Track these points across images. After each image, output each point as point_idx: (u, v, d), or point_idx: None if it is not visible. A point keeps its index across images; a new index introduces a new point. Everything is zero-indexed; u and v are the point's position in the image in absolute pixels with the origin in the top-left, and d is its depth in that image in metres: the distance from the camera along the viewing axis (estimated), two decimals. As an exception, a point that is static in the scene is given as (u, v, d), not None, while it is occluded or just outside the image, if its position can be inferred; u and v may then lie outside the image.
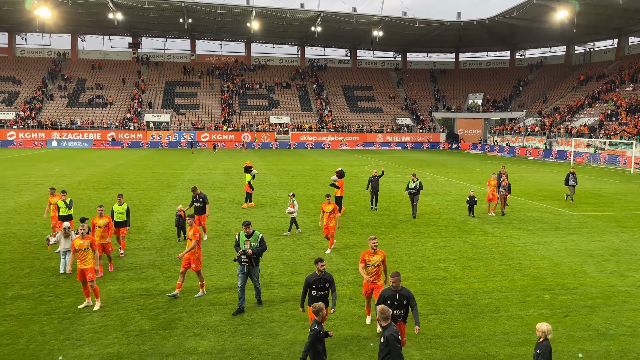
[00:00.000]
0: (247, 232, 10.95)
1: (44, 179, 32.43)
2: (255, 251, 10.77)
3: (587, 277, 13.41)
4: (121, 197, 14.90)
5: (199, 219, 16.49)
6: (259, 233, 11.06)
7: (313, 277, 8.94)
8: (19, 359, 8.59)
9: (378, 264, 9.78)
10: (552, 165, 50.70)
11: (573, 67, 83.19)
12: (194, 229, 11.72)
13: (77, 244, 10.88)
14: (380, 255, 9.82)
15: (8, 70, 79.32)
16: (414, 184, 21.13)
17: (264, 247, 10.96)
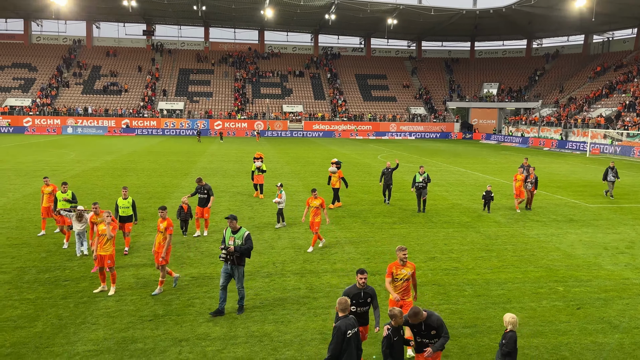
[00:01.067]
0: (232, 227, 10.12)
1: (60, 165, 32.81)
2: (239, 249, 9.89)
3: (602, 270, 13.30)
4: (126, 190, 14.25)
5: (202, 211, 15.91)
6: (245, 230, 10.19)
7: (353, 290, 7.79)
8: (35, 342, 8.76)
9: (407, 277, 8.62)
10: (567, 156, 50.12)
11: (591, 56, 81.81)
12: (167, 222, 11.12)
13: (100, 229, 10.94)
14: (410, 268, 8.66)
15: (24, 57, 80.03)
16: (421, 177, 19.74)
17: (249, 246, 10.01)
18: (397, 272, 8.61)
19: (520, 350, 8.76)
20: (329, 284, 11.83)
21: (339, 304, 6.75)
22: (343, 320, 6.58)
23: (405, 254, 8.62)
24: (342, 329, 6.44)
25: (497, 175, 32.75)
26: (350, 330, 6.53)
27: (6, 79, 75.48)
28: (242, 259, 10.11)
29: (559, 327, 9.72)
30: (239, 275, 10.05)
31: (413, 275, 8.70)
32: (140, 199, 22.00)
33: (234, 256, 9.93)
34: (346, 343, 6.46)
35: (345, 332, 6.46)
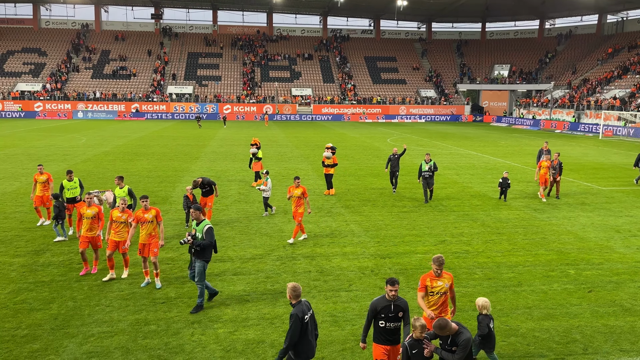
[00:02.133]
0: (195, 218, 9.61)
1: (71, 150, 33.04)
2: (197, 243, 9.29)
3: (614, 253, 13.22)
4: (121, 180, 13.34)
5: (205, 200, 15.30)
6: (207, 223, 9.55)
7: (381, 302, 6.74)
8: (51, 324, 8.91)
9: (445, 290, 7.43)
10: (579, 138, 49.58)
11: (605, 37, 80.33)
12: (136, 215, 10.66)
13: (115, 216, 10.83)
14: (447, 279, 7.50)
15: (33, 42, 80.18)
16: (427, 166, 18.35)
17: (209, 241, 9.37)
18: (432, 284, 7.47)
19: (531, 333, 8.78)
20: (339, 267, 11.88)
21: (292, 290, 6.55)
22: (298, 306, 6.49)
23: (442, 263, 7.44)
24: (299, 316, 6.36)
25: (508, 158, 32.52)
26: (307, 315, 6.49)
27: (16, 64, 75.77)
28: (204, 254, 9.45)
29: (570, 310, 9.71)
30: (198, 270, 9.43)
31: (451, 287, 7.57)
32: (151, 182, 22.14)
33: (194, 249, 9.38)
34: (303, 328, 6.41)
35: (303, 317, 6.42)
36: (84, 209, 11.37)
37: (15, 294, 10.19)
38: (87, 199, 11.43)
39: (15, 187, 20.81)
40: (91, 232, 11.21)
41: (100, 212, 11.37)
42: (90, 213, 11.22)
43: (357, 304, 9.85)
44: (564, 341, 8.53)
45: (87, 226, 11.17)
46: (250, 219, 16.19)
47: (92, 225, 11.23)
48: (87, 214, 11.22)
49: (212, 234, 9.49)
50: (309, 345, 6.51)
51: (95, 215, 11.27)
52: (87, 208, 11.29)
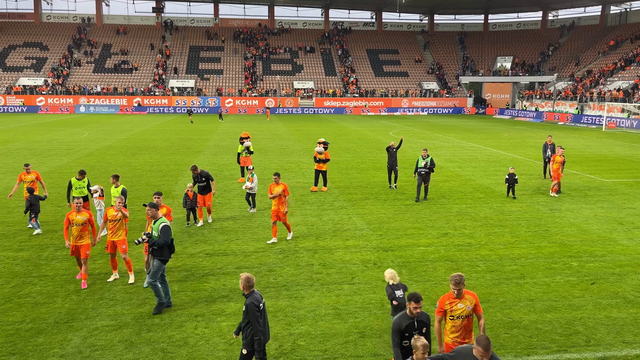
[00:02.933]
0: (152, 215, 9.29)
1: (74, 144, 33.08)
2: (151, 242, 9.05)
3: (617, 245, 13.20)
4: (117, 179, 12.90)
5: (204, 198, 14.83)
6: (163, 221, 9.25)
7: (405, 320, 6.27)
8: (55, 317, 8.95)
9: (467, 314, 6.53)
10: (582, 130, 49.41)
11: (608, 28, 79.84)
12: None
13: (110, 215, 10.49)
14: (469, 300, 6.56)
15: (35, 36, 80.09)
16: (424, 162, 17.49)
17: (164, 240, 9.03)
18: (451, 307, 6.53)
19: (534, 325, 8.79)
20: (342, 260, 11.90)
21: (246, 280, 6.65)
22: (252, 296, 6.63)
23: (462, 283, 6.50)
24: (255, 304, 6.53)
25: (511, 150, 32.44)
26: (261, 304, 6.66)
27: (18, 59, 75.75)
28: (161, 253, 9.11)
29: (572, 302, 9.71)
30: (154, 268, 9.09)
31: (476, 309, 6.59)
32: (153, 176, 22.17)
33: (152, 247, 9.09)
34: (262, 317, 6.60)
35: (258, 305, 6.59)
36: (72, 215, 10.39)
37: (20, 287, 10.23)
38: (77, 203, 10.41)
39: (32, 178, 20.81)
40: (80, 240, 10.33)
41: (90, 218, 10.52)
42: (81, 219, 10.35)
43: (360, 297, 9.87)
44: (566, 333, 8.54)
45: (76, 233, 10.30)
46: (253, 213, 16.20)
47: (82, 233, 10.36)
48: (77, 220, 10.32)
49: (169, 232, 9.12)
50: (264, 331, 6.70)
51: (86, 221, 10.41)
52: (77, 214, 10.37)
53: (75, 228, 10.34)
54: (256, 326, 6.50)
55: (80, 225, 10.35)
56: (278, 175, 13.45)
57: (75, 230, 10.34)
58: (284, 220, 13.18)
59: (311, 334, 8.47)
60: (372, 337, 8.38)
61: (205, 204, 14.90)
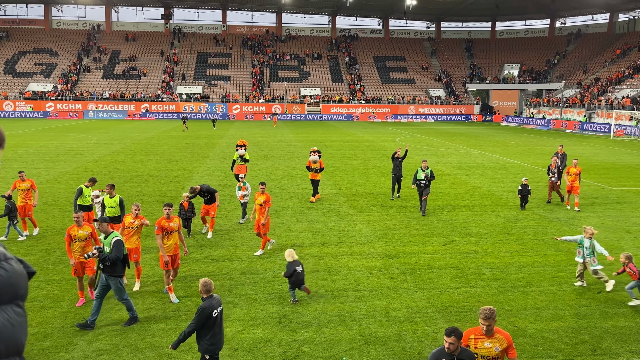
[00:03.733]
0: (102, 230, 8.99)
1: (82, 149, 33.32)
2: (103, 257, 8.64)
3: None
4: (112, 188, 12.43)
5: (207, 209, 14.32)
6: (115, 236, 8.87)
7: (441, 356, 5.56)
8: (61, 321, 9.00)
9: (496, 356, 5.77)
10: (590, 138, 49.17)
11: (616, 35, 79.56)
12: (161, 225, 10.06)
13: (128, 222, 10.48)
14: (499, 341, 5.77)
15: (45, 42, 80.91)
16: (423, 174, 16.77)
17: (116, 255, 8.63)
18: (477, 344, 5.81)
19: (539, 334, 8.74)
20: (347, 267, 11.89)
21: (203, 285, 6.89)
22: (208, 300, 6.78)
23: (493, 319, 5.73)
24: (206, 310, 6.66)
25: (518, 158, 32.34)
26: (216, 310, 6.75)
27: (28, 64, 76.52)
28: (114, 269, 8.66)
29: (579, 311, 9.65)
30: (114, 287, 8.74)
31: (509, 350, 5.76)
32: (160, 182, 22.29)
33: (103, 263, 8.67)
34: (212, 322, 6.69)
35: (211, 312, 6.70)
36: (74, 230, 9.68)
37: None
38: (75, 218, 9.73)
39: (27, 186, 20.97)
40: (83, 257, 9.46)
41: (93, 231, 9.85)
42: (83, 234, 9.70)
43: (365, 304, 9.86)
44: (572, 342, 8.48)
45: (79, 249, 9.63)
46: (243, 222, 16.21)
47: (86, 248, 9.67)
48: (79, 235, 9.63)
49: (121, 247, 8.75)
50: (216, 338, 6.79)
51: (89, 235, 9.78)
52: (78, 229, 9.70)
53: (77, 244, 9.68)
54: (194, 326, 6.68)
55: (83, 241, 9.71)
56: (264, 184, 13.08)
57: (78, 246, 9.67)
58: (263, 232, 12.60)
59: (315, 340, 8.46)
60: (376, 344, 8.36)
61: (209, 213, 14.30)
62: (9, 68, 75.29)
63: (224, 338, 7.06)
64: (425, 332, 8.76)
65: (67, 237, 9.71)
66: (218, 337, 6.81)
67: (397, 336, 8.61)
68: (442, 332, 8.73)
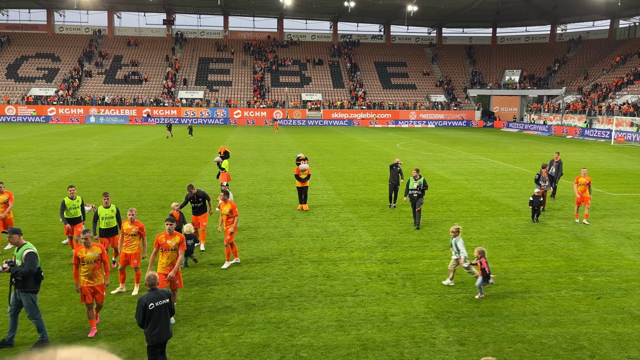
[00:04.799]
0: (12, 243, 8.43)
1: (83, 154, 33.39)
2: (14, 271, 8.02)
3: (623, 260, 13.09)
4: (107, 197, 11.77)
5: (198, 220, 13.39)
6: (28, 247, 8.28)
7: None
8: (59, 326, 9.01)
9: None
10: (590, 144, 49.16)
11: (617, 42, 79.70)
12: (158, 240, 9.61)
13: (126, 228, 10.46)
14: None
15: (47, 47, 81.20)
16: (416, 183, 15.75)
17: (29, 269, 8.03)
18: None
19: (538, 340, 8.73)
20: (346, 272, 11.89)
21: (147, 279, 7.38)
22: (148, 294, 7.30)
23: None
24: (142, 301, 7.17)
25: (518, 164, 32.34)
26: (153, 303, 7.17)
27: (30, 69, 76.77)
28: (26, 284, 8.08)
29: (577, 317, 9.63)
30: (26, 304, 8.14)
31: None
32: (161, 187, 22.32)
33: (14, 278, 8.07)
34: (149, 314, 7.14)
35: (146, 305, 7.15)
36: (82, 251, 8.76)
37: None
38: (84, 239, 8.88)
39: (27, 190, 21.07)
40: (94, 280, 8.78)
41: (103, 253, 8.97)
42: (92, 256, 8.77)
43: (363, 309, 9.85)
44: (571, 348, 8.47)
45: (88, 273, 8.74)
46: (258, 223, 16.25)
47: (95, 272, 8.82)
48: (87, 257, 8.72)
49: (34, 260, 8.13)
50: (157, 330, 7.22)
51: (98, 257, 8.85)
52: (87, 250, 8.78)
53: (86, 267, 8.73)
54: (137, 317, 7.29)
55: (93, 263, 8.78)
56: (226, 194, 12.45)
57: (87, 269, 8.73)
58: (229, 241, 11.98)
59: (313, 345, 8.46)
60: (374, 349, 8.35)
61: (200, 225, 13.38)
62: (11, 73, 75.56)
63: (169, 331, 7.43)
64: (423, 337, 8.75)
65: (75, 259, 8.81)
66: (159, 329, 7.22)
67: (395, 341, 8.60)
68: (441, 337, 8.74)
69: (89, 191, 20.80)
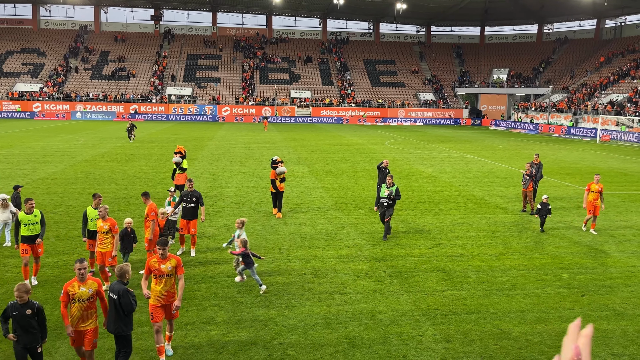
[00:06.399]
0: None
1: (69, 151, 33.03)
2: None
3: (608, 257, 13.26)
4: (99, 199, 11.20)
5: (188, 225, 12.48)
6: None
7: None
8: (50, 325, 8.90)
9: None
10: (576, 142, 49.68)
11: (603, 41, 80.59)
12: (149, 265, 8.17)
13: (98, 226, 10.40)
14: None
15: (33, 42, 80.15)
16: (387, 191, 14.22)
17: None
18: None
19: (523, 337, 8.81)
20: (334, 270, 11.91)
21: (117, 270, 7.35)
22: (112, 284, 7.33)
23: None
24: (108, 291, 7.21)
25: (505, 162, 32.58)
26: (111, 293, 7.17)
27: (15, 65, 75.73)
28: None
29: (562, 314, 9.74)
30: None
31: None
32: (148, 184, 22.15)
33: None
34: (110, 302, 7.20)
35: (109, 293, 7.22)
36: (74, 286, 7.16)
37: (9, 294, 10.17)
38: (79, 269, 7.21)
39: (11, 188, 20.77)
40: (84, 322, 7.25)
41: (100, 288, 7.40)
42: (86, 292, 7.19)
43: (351, 307, 9.87)
44: (556, 345, 8.56)
45: (79, 313, 7.19)
46: (247, 221, 16.16)
47: (88, 312, 7.26)
48: (80, 293, 7.13)
49: None
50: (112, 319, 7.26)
51: (93, 294, 7.28)
52: (80, 284, 7.19)
53: (77, 306, 7.15)
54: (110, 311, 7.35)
55: (86, 302, 7.17)
56: (145, 195, 11.88)
57: (78, 309, 7.16)
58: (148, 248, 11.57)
59: (301, 343, 8.46)
60: (361, 347, 8.38)
61: (190, 230, 12.55)
62: (-5, 68, 74.50)
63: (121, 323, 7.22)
64: (410, 335, 8.80)
65: (64, 296, 7.13)
66: (113, 319, 7.19)
67: (383, 339, 8.64)
68: (427, 334, 8.79)
69: (74, 188, 20.60)
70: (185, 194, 12.80)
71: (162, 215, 12.20)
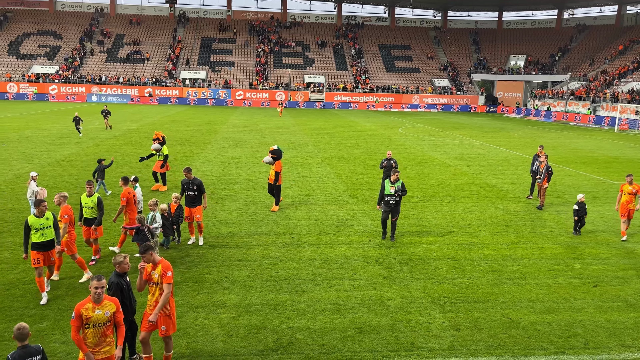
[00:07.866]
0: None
1: (84, 133, 33.31)
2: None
3: (622, 248, 13.12)
4: (91, 186, 11.10)
5: (191, 212, 12.42)
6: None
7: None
8: (58, 304, 9.07)
9: None
10: (594, 131, 48.93)
11: (624, 28, 78.79)
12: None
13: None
14: None
15: (49, 25, 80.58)
16: (393, 188, 12.82)
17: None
18: None
19: (533, 326, 8.79)
20: (344, 256, 11.94)
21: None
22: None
23: None
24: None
25: (520, 150, 32.23)
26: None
27: (32, 47, 76.28)
28: None
29: (573, 304, 9.68)
30: None
31: None
32: (161, 167, 22.28)
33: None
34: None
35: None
36: (88, 309, 6.07)
37: (25, 274, 10.39)
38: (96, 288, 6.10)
39: (29, 168, 21.08)
40: (100, 348, 6.19)
41: (118, 309, 6.28)
42: (102, 315, 6.14)
43: (360, 293, 9.91)
44: (565, 335, 8.53)
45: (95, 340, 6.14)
46: (258, 206, 16.27)
47: (104, 339, 6.21)
48: (95, 317, 6.08)
49: None
50: None
51: (110, 318, 6.21)
52: (96, 306, 6.12)
53: (92, 332, 6.10)
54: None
55: (102, 327, 6.14)
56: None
57: (93, 335, 6.12)
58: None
59: (310, 328, 8.53)
60: (370, 333, 8.42)
61: (195, 217, 12.46)
62: (12, 50, 75.11)
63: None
64: (419, 322, 8.82)
65: (76, 319, 6.03)
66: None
67: (391, 326, 8.67)
68: (436, 322, 8.81)
69: (89, 170, 20.82)
70: (186, 182, 12.69)
71: (176, 200, 12.34)
